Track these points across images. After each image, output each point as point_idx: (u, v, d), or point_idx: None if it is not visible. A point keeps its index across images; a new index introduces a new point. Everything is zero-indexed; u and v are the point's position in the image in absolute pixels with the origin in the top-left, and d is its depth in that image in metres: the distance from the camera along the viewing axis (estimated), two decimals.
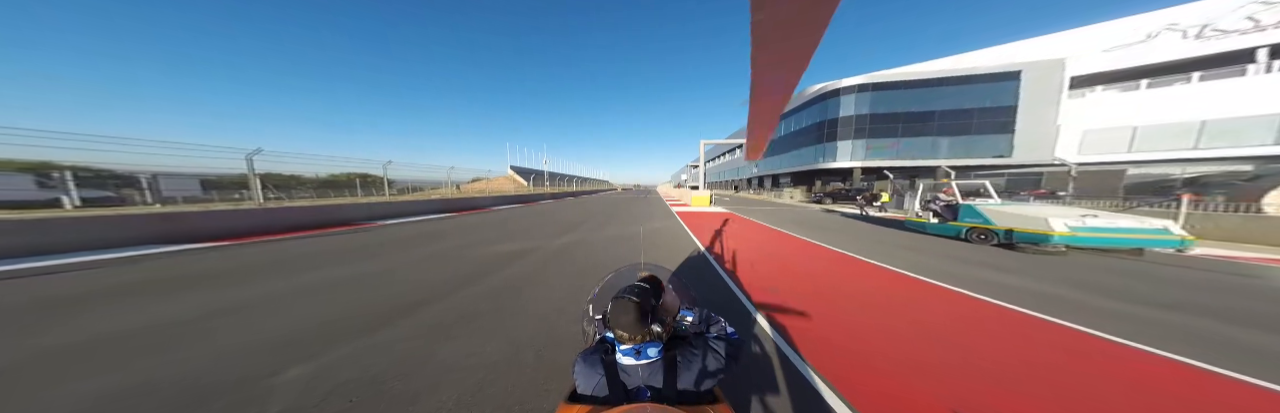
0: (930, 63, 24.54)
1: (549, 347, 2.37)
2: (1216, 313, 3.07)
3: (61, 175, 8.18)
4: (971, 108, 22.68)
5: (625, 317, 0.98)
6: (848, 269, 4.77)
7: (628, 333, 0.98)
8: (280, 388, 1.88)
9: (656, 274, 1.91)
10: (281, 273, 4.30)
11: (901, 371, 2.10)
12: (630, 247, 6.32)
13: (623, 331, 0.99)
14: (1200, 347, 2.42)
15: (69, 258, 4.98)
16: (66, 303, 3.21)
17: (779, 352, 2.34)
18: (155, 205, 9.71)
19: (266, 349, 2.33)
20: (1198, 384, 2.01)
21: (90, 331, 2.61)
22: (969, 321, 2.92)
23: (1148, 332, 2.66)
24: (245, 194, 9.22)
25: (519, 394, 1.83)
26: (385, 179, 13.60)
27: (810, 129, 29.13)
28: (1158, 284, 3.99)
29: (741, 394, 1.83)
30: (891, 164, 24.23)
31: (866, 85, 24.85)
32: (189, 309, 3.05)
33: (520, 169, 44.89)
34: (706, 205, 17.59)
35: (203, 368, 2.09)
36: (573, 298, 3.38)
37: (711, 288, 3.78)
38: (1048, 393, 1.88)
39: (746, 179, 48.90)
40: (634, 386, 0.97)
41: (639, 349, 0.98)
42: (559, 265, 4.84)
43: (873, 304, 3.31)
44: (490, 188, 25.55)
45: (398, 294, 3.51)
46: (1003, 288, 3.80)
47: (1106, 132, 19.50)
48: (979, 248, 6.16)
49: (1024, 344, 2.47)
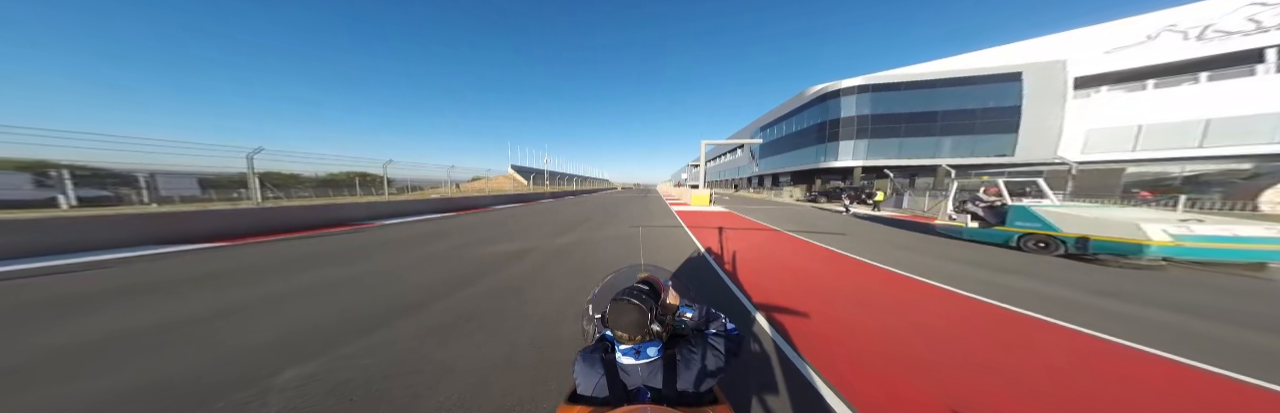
0: (930, 64, 24.50)
1: (549, 347, 2.36)
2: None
3: (59, 174, 8.14)
4: (974, 108, 22.72)
5: (624, 318, 0.97)
6: (844, 269, 4.77)
7: (627, 334, 0.98)
8: (280, 388, 1.88)
9: (656, 274, 1.91)
10: (280, 273, 4.29)
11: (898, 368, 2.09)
12: (630, 247, 6.32)
13: (622, 332, 0.98)
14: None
15: (66, 259, 4.96)
16: (66, 303, 3.20)
17: (779, 352, 2.34)
18: (152, 205, 9.69)
19: (266, 349, 2.32)
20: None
21: (89, 331, 2.60)
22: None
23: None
24: (243, 193, 9.19)
25: (519, 394, 1.83)
26: (385, 178, 13.56)
27: (811, 129, 29.23)
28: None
29: (741, 394, 1.83)
30: (893, 163, 24.26)
31: (867, 86, 24.92)
32: (188, 310, 3.04)
33: (521, 168, 44.86)
34: (706, 204, 17.59)
35: (203, 368, 2.08)
36: (572, 298, 3.37)
37: (711, 288, 3.79)
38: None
39: (747, 178, 48.90)
40: (634, 386, 0.97)
41: (638, 349, 0.98)
42: (559, 266, 4.83)
43: (870, 304, 3.32)
44: (490, 187, 25.53)
45: (397, 294, 3.50)
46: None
47: (1111, 130, 19.49)
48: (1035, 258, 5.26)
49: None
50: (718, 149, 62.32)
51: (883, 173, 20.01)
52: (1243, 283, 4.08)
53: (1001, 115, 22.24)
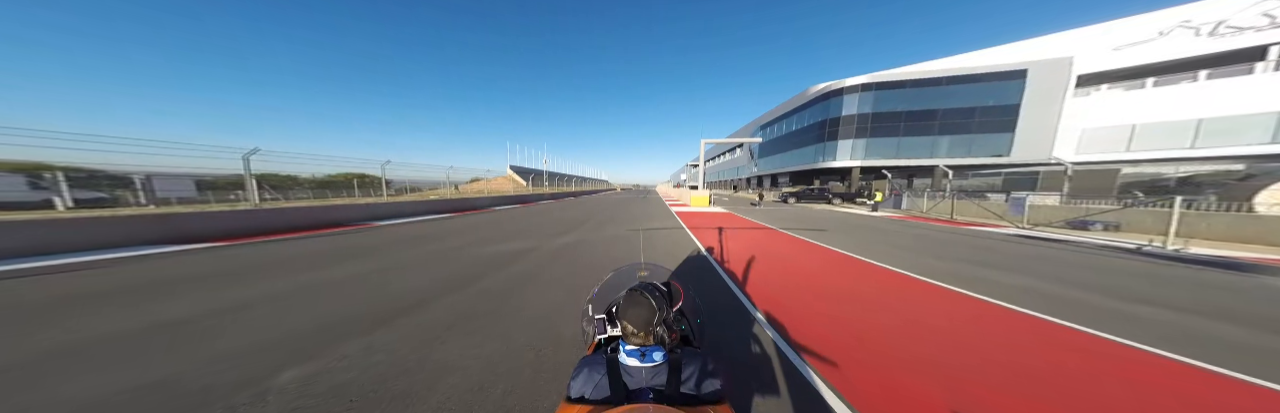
0: (935, 62, 24.47)
1: (548, 347, 2.36)
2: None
3: (54, 176, 8.10)
4: (974, 107, 22.65)
5: (635, 310, 0.98)
6: (843, 267, 4.79)
7: (634, 327, 0.98)
8: (280, 389, 1.87)
9: (656, 274, 1.92)
10: (279, 274, 4.27)
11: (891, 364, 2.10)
12: (630, 246, 6.32)
13: (629, 324, 0.98)
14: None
15: (63, 259, 4.93)
16: (66, 303, 3.18)
17: (779, 352, 2.35)
18: (149, 206, 9.63)
19: (265, 350, 2.31)
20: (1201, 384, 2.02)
21: (88, 332, 2.58)
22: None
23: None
24: (241, 195, 9.15)
25: (519, 394, 1.83)
26: (383, 179, 13.53)
27: (811, 128, 29.18)
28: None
29: (742, 394, 1.84)
30: (890, 163, 24.32)
31: (871, 84, 24.84)
32: (187, 310, 3.02)
33: (520, 169, 44.81)
34: (706, 205, 17.61)
35: (203, 368, 2.07)
36: (572, 298, 3.37)
37: (712, 288, 3.79)
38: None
39: (746, 179, 48.96)
40: (636, 387, 0.97)
41: (644, 352, 0.98)
42: (558, 266, 4.83)
43: (868, 301, 3.32)
44: (489, 188, 25.47)
45: (396, 295, 3.49)
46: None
47: (1105, 130, 19.52)
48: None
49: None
50: (717, 149, 62.42)
51: (881, 173, 20.08)
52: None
53: (999, 114, 22.24)
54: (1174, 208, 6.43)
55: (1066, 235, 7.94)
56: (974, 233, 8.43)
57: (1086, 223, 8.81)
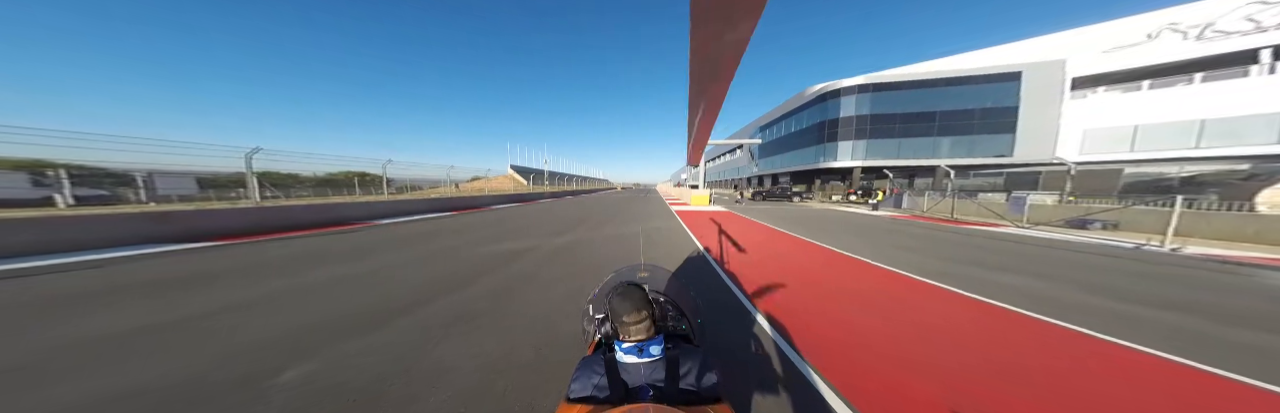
0: (930, 63, 24.48)
1: (548, 346, 2.36)
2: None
3: (56, 174, 8.11)
4: (973, 108, 22.71)
5: (627, 302, 0.99)
6: (841, 265, 4.79)
7: (629, 318, 0.98)
8: (281, 388, 1.88)
9: (656, 274, 1.92)
10: (279, 273, 4.28)
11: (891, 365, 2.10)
12: (630, 246, 6.32)
13: (625, 317, 0.99)
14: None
15: (64, 258, 4.94)
16: (65, 304, 3.19)
17: (779, 351, 2.35)
18: (150, 204, 9.64)
19: (266, 349, 2.31)
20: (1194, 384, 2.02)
21: (88, 331, 2.59)
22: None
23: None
24: (242, 193, 9.17)
25: (519, 394, 1.83)
26: (384, 178, 13.54)
27: (811, 129, 29.20)
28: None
29: (742, 394, 1.84)
30: (892, 164, 24.29)
31: (867, 86, 24.86)
32: (187, 309, 3.03)
33: (520, 168, 44.82)
34: (706, 205, 17.61)
35: (203, 368, 2.08)
36: (572, 298, 3.37)
37: (712, 288, 3.79)
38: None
39: (746, 178, 48.90)
40: (635, 385, 0.97)
41: (641, 347, 0.98)
42: (558, 265, 4.83)
43: (867, 300, 3.32)
44: (490, 187, 25.49)
45: (397, 294, 3.50)
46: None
47: (1108, 131, 19.47)
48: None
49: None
50: (718, 149, 62.29)
51: (882, 173, 20.05)
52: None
53: (1000, 115, 22.23)
54: (1175, 207, 6.42)
55: (1066, 235, 7.93)
56: (974, 232, 8.42)
57: (1086, 222, 8.80)
